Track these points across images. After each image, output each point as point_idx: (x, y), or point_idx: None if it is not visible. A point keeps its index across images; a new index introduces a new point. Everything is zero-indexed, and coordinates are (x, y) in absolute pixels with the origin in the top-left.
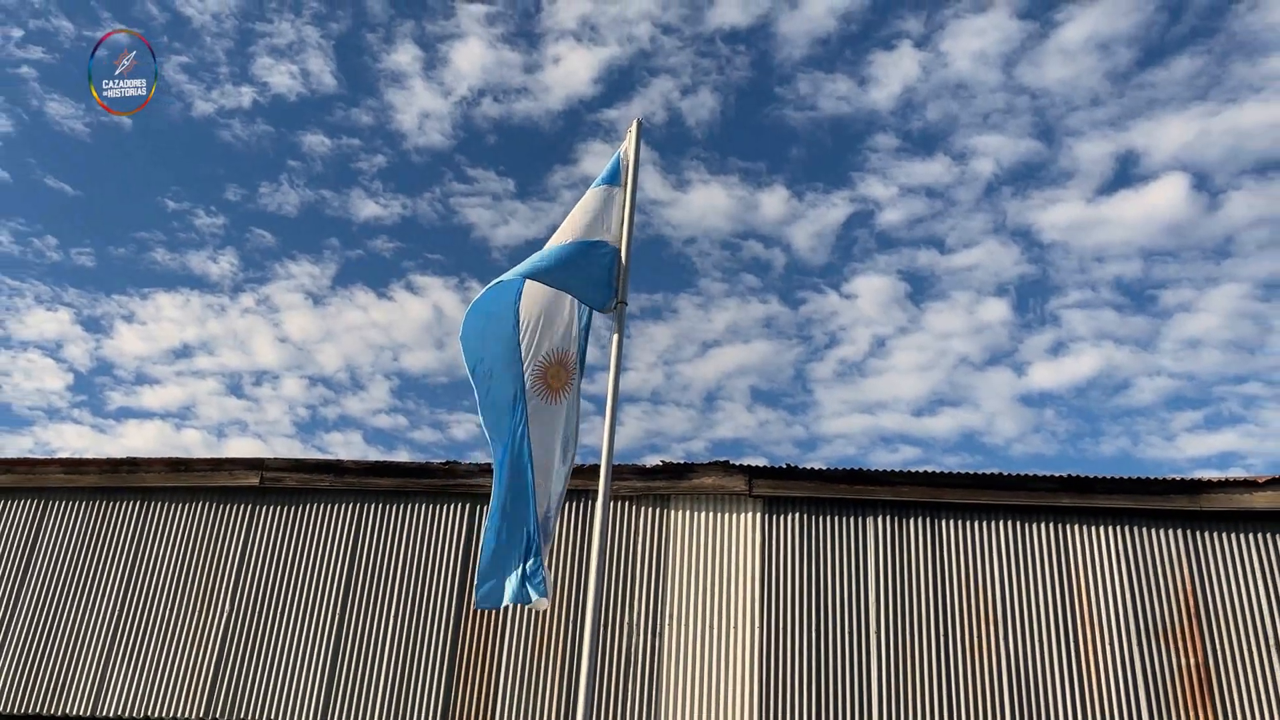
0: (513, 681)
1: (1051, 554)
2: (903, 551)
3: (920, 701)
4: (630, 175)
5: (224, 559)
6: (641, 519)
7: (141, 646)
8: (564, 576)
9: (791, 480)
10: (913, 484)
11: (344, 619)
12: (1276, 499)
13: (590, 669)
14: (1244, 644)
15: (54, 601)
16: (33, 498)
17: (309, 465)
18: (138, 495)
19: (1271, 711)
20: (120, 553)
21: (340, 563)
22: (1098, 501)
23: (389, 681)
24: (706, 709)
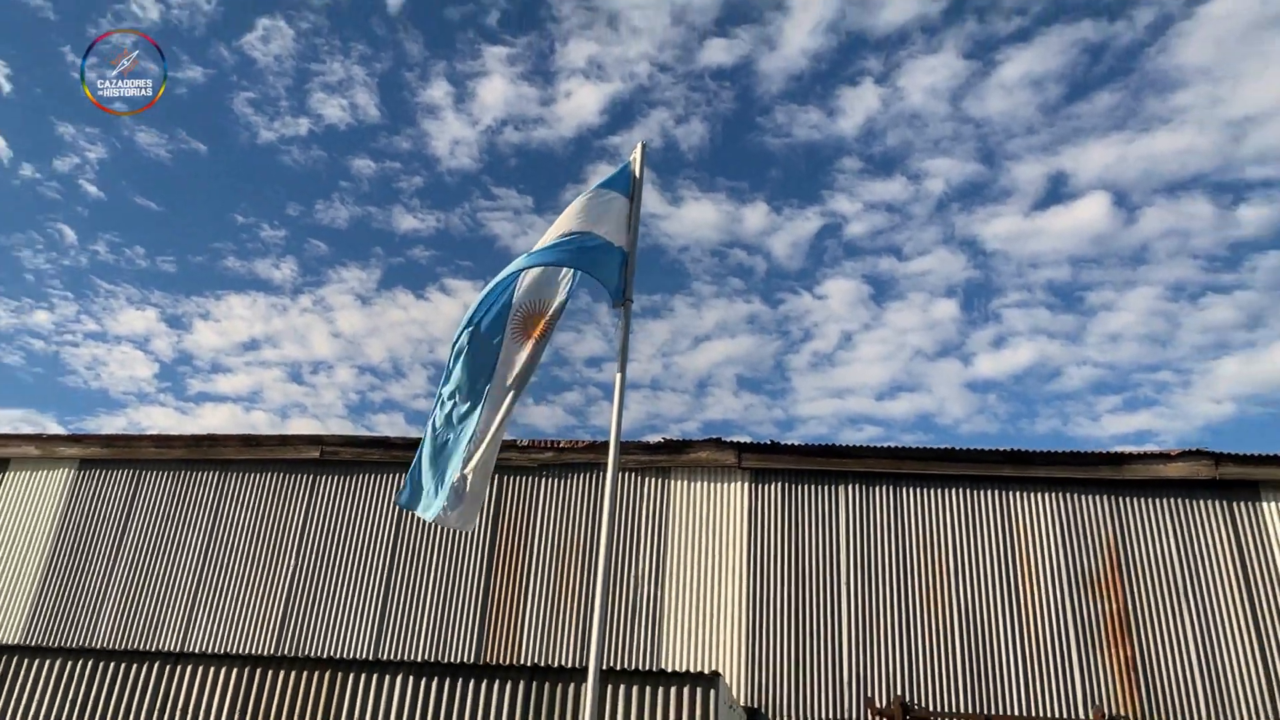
0: (537, 622)
1: (996, 516)
2: (869, 515)
3: (883, 642)
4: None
5: (290, 520)
6: (646, 487)
7: (221, 593)
8: (579, 536)
9: (775, 455)
10: (877, 457)
11: (391, 570)
12: (1186, 469)
13: (602, 614)
14: (1158, 592)
15: (148, 556)
16: (129, 469)
17: (361, 441)
18: (216, 467)
19: (1182, 647)
20: (202, 515)
21: (388, 523)
22: (1035, 472)
23: (431, 622)
24: (701, 648)
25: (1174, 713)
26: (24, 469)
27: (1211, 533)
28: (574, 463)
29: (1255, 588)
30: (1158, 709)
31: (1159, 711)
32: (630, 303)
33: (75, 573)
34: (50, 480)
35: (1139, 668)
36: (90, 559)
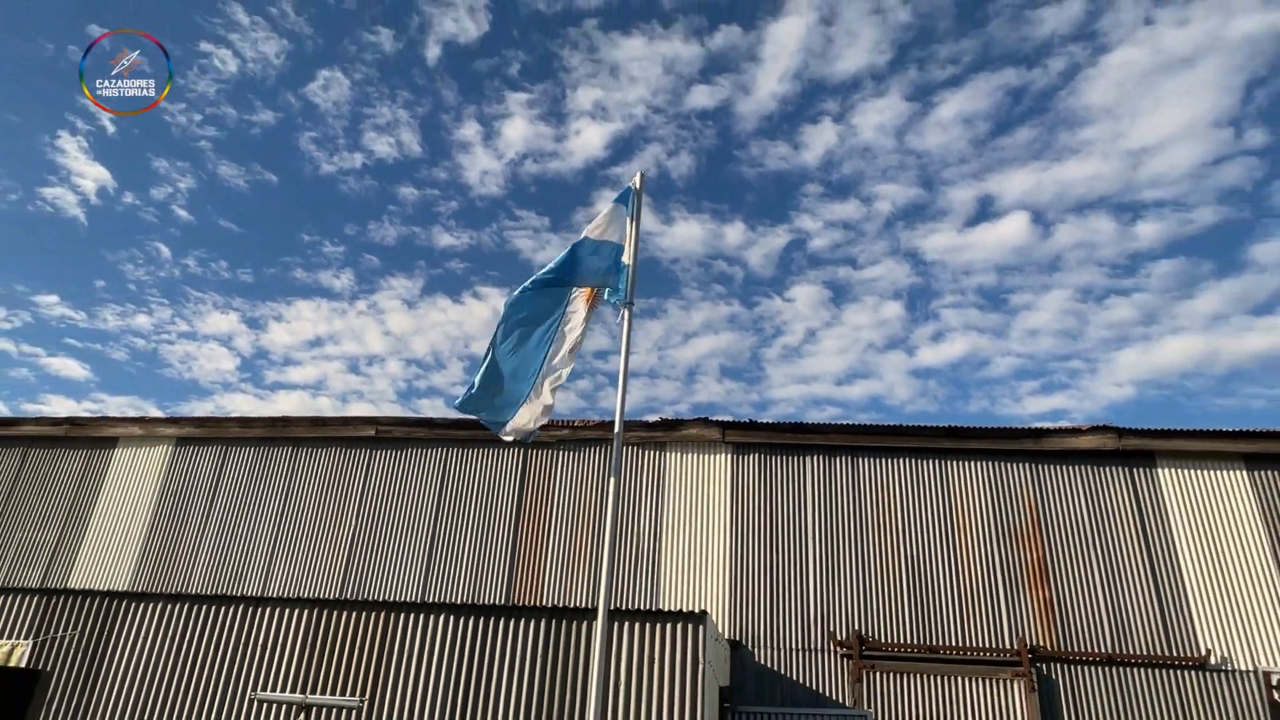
0: (556, 570)
1: (936, 481)
2: (831, 481)
3: (843, 585)
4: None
5: (350, 487)
6: (645, 459)
7: (295, 547)
8: (590, 498)
9: (753, 431)
10: (838, 433)
11: (435, 527)
12: (1094, 441)
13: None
14: (1071, 543)
15: (233, 517)
16: (217, 445)
17: (410, 421)
18: (289, 443)
19: (1090, 589)
20: (278, 483)
21: (433, 489)
22: (968, 444)
23: (468, 570)
24: (692, 591)
25: (1083, 644)
26: (130, 446)
27: (1115, 494)
28: (586, 438)
29: (1151, 540)
30: (1070, 640)
31: (1071, 643)
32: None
33: (173, 532)
34: (152, 455)
35: (1055, 606)
36: (186, 520)
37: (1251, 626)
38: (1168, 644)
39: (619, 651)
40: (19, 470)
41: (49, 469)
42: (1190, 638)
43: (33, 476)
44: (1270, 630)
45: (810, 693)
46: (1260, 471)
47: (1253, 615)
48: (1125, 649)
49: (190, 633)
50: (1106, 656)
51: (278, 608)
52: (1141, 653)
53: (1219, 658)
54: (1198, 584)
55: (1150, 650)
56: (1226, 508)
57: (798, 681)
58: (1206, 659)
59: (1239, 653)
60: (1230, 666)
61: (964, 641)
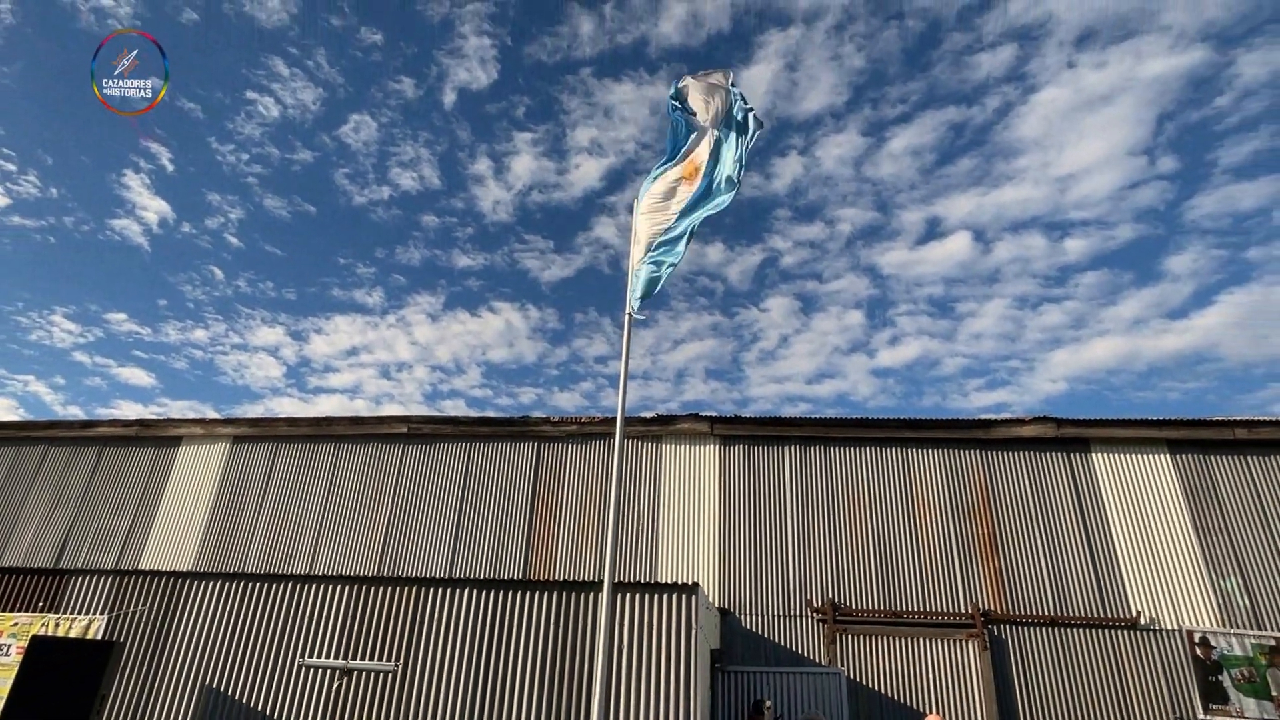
0: (567, 549)
1: (898, 467)
2: (807, 467)
3: (818, 559)
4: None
5: (385, 478)
6: (644, 450)
7: (338, 532)
8: (596, 485)
9: (738, 424)
10: (812, 426)
11: (460, 513)
12: (1035, 430)
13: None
14: (1017, 520)
15: (284, 505)
16: (269, 442)
17: (438, 419)
18: (332, 440)
19: (1034, 561)
20: (322, 475)
21: (458, 480)
22: (926, 434)
23: (489, 550)
24: (686, 566)
25: (1028, 608)
26: (192, 444)
27: (1055, 477)
28: (592, 433)
29: (1087, 516)
30: (1017, 605)
31: (1018, 607)
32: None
33: (231, 519)
34: (211, 452)
35: (1003, 575)
36: (241, 509)
37: (1176, 591)
38: (1103, 607)
39: (622, 620)
40: (96, 466)
41: (122, 464)
42: (1122, 601)
43: (108, 471)
44: (1192, 594)
45: (791, 653)
46: (1182, 455)
47: (1177, 581)
48: (1065, 612)
49: (246, 607)
50: (1049, 619)
51: (322, 584)
52: (1080, 615)
53: (1148, 619)
54: (1128, 554)
55: (1087, 613)
56: (1153, 487)
57: (779, 644)
58: (1137, 620)
59: (1165, 614)
60: (1158, 626)
61: (924, 607)
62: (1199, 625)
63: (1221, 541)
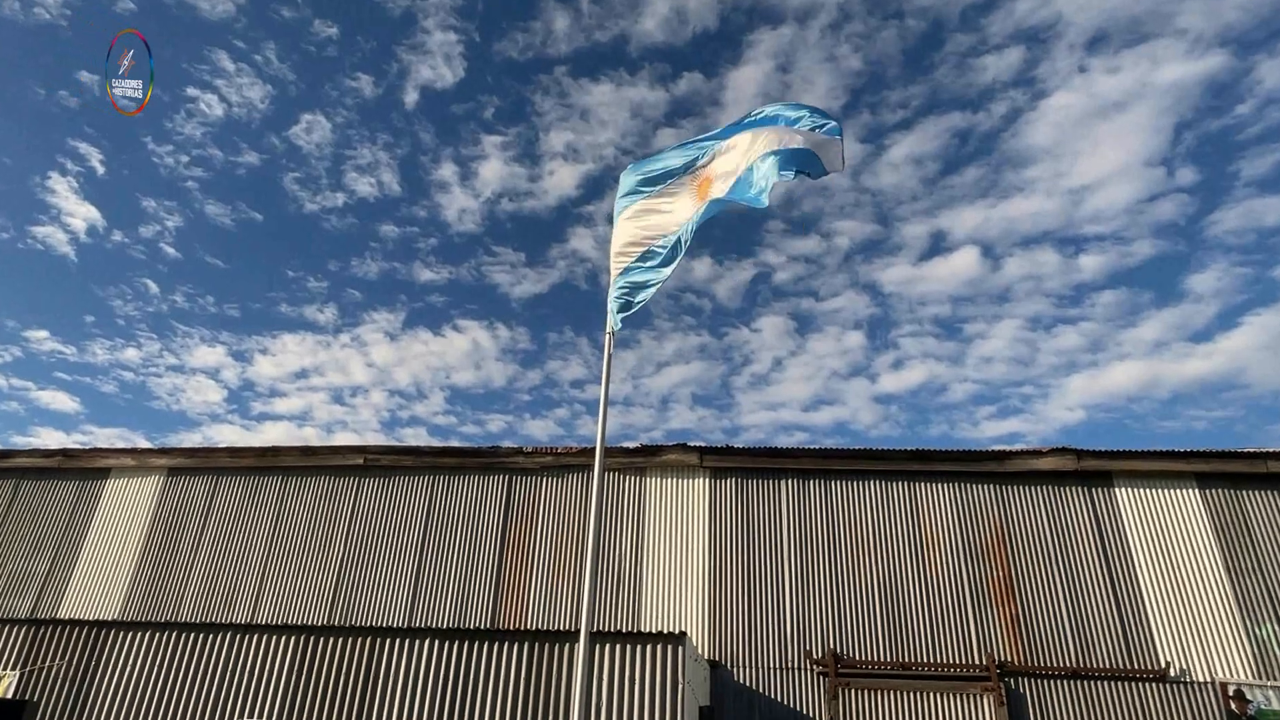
0: (540, 594)
1: (906, 502)
2: (806, 503)
3: (818, 605)
4: None
5: (339, 515)
6: (627, 483)
7: (284, 575)
8: (574, 523)
9: (729, 456)
10: (811, 457)
11: (422, 553)
12: (1054, 463)
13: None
14: (1034, 561)
15: (224, 545)
16: (207, 475)
17: (397, 450)
18: (279, 472)
19: (1054, 606)
20: (268, 511)
21: (419, 516)
22: (936, 466)
23: (454, 595)
24: (672, 613)
25: (1048, 658)
26: (122, 476)
27: (1075, 513)
28: (568, 465)
29: (1111, 557)
30: (1035, 655)
31: (1036, 657)
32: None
33: (164, 561)
34: (144, 485)
35: (1021, 622)
36: (176, 549)
37: (1207, 638)
38: (1129, 657)
39: (600, 673)
40: (11, 501)
41: (41, 500)
42: (1150, 650)
43: (25, 507)
44: (1225, 642)
45: (788, 710)
46: (1211, 490)
47: (1208, 628)
48: (1088, 662)
49: (178, 661)
50: (1071, 670)
51: (265, 634)
52: (1104, 665)
53: (1178, 670)
54: (1156, 598)
55: (1112, 663)
56: (1181, 525)
57: (776, 700)
58: (1166, 671)
59: (1196, 665)
60: (1189, 678)
61: (934, 658)
62: (1233, 676)
63: (1256, 584)
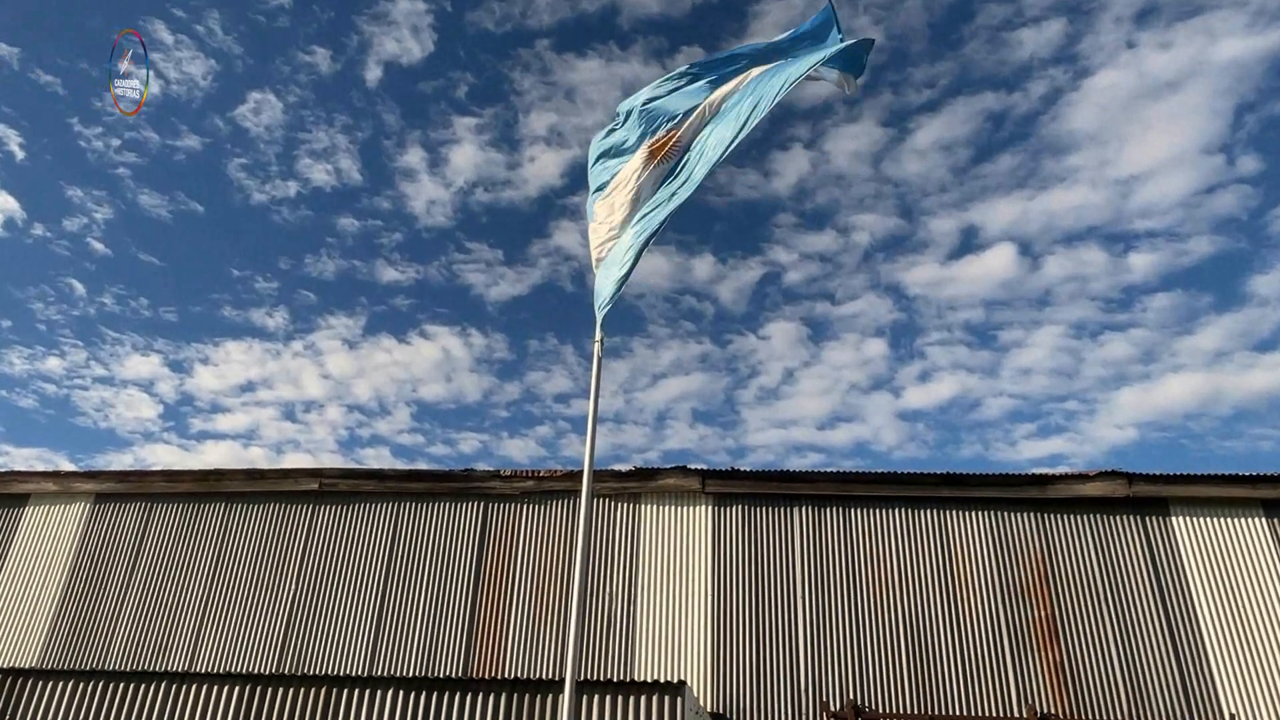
0: (519, 638)
1: (934, 533)
2: (822, 534)
3: (837, 650)
4: None
5: (290, 547)
6: (619, 512)
7: (227, 616)
8: (559, 557)
9: (735, 480)
10: (828, 482)
11: (385, 591)
12: (1103, 488)
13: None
14: (1081, 600)
15: (158, 582)
16: (141, 502)
17: (357, 473)
18: (222, 499)
19: (1104, 650)
20: (209, 544)
21: (382, 549)
22: (968, 493)
23: (421, 639)
24: (670, 659)
25: (1098, 710)
26: (43, 503)
27: (1127, 545)
28: (552, 490)
29: (1168, 594)
30: (1083, 707)
31: (1085, 709)
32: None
33: (90, 599)
34: (67, 513)
35: (1066, 669)
36: (104, 586)
37: (1276, 687)
38: (1188, 707)
39: None
40: None
41: None
42: (1212, 700)
43: None
44: None
45: None
46: None
47: (1277, 674)
48: (1143, 713)
49: (104, 714)
50: None
51: (206, 684)
52: (1160, 717)
53: None
54: (1218, 641)
55: (1170, 714)
56: (1246, 558)
57: None
58: None
59: (1263, 715)
60: None
61: (968, 709)
62: None
63: None
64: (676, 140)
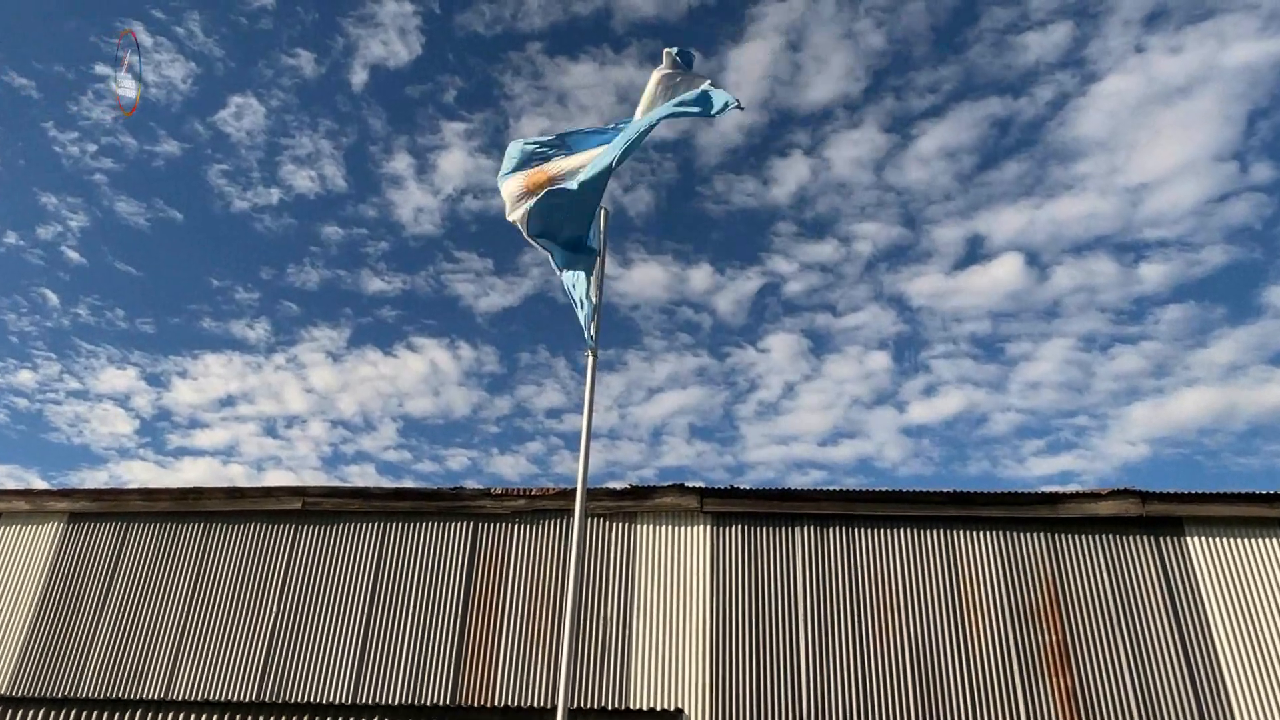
0: (510, 663)
1: (942, 554)
2: (824, 554)
3: (840, 676)
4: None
5: (272, 570)
6: (613, 532)
7: (206, 640)
8: (551, 579)
9: (735, 499)
10: (830, 500)
11: (370, 615)
12: (1116, 507)
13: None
14: (1094, 623)
15: (134, 606)
16: (117, 521)
17: (342, 492)
18: (201, 518)
19: (1118, 676)
20: (187, 566)
21: (368, 571)
22: (977, 512)
23: (408, 665)
24: (667, 685)
25: None
26: (14, 523)
27: (1141, 567)
28: (545, 509)
29: (1183, 618)
30: None
31: None
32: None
33: (63, 623)
34: (40, 533)
35: (1079, 696)
36: (78, 609)
37: None
38: None
39: None
40: None
41: None
42: None
43: None
44: None
45: None
46: None
47: None
48: None
49: None
50: None
51: (183, 713)
52: None
53: None
54: (1237, 668)
55: None
56: (1265, 580)
57: None
58: None
59: None
60: None
61: None
62: None
63: None
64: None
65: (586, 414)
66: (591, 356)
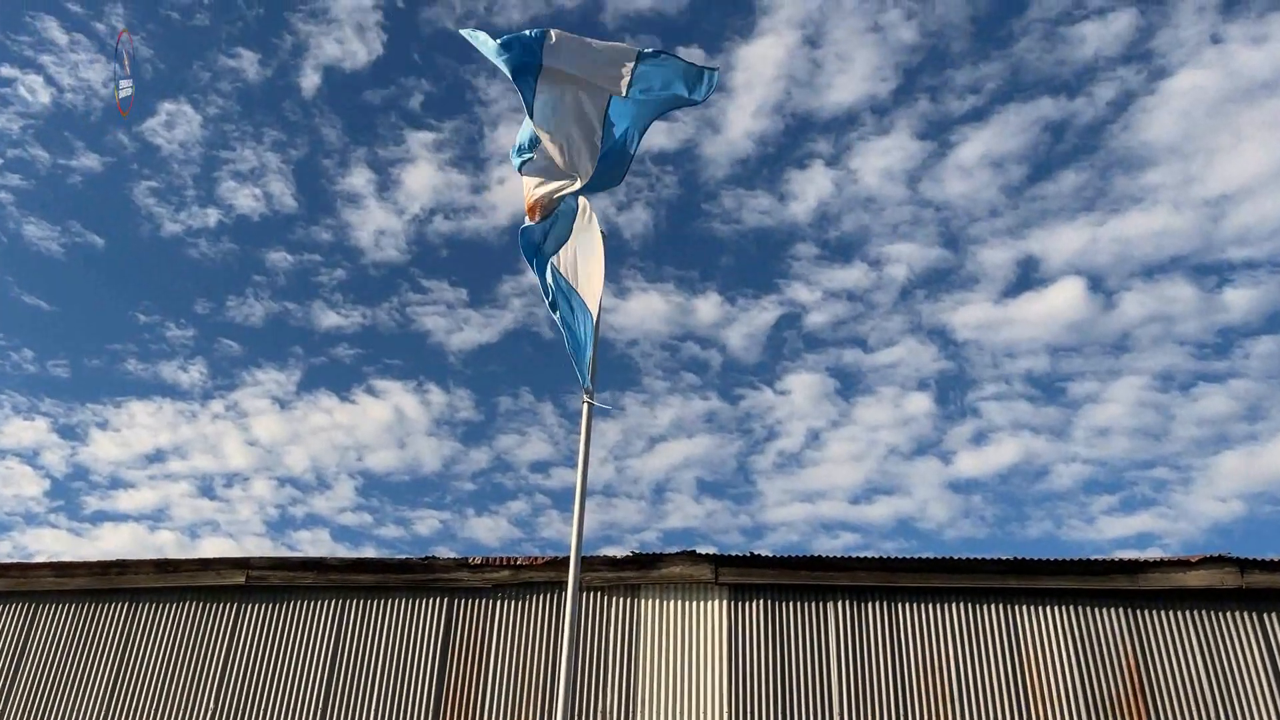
0: None
1: (1002, 633)
2: (862, 634)
3: None
4: None
5: (210, 656)
6: (612, 609)
7: None
8: (540, 663)
9: (755, 568)
10: (869, 569)
11: (328, 709)
12: (1208, 577)
13: None
14: (1185, 714)
15: (44, 700)
16: (24, 600)
17: (292, 563)
18: (126, 596)
19: None
20: (108, 652)
21: (323, 656)
22: (1043, 583)
23: None
24: None
25: None
26: None
27: (1241, 647)
28: (533, 581)
29: None
30: None
31: None
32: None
33: None
34: None
35: None
36: None
37: None
38: None
39: None
40: None
41: None
42: None
43: None
44: None
45: None
46: None
47: None
48: None
49: None
50: None
51: None
52: None
53: None
54: None
55: None
56: None
57: None
58: None
59: None
60: None
61: None
62: None
63: None
64: None
65: (581, 468)
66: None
